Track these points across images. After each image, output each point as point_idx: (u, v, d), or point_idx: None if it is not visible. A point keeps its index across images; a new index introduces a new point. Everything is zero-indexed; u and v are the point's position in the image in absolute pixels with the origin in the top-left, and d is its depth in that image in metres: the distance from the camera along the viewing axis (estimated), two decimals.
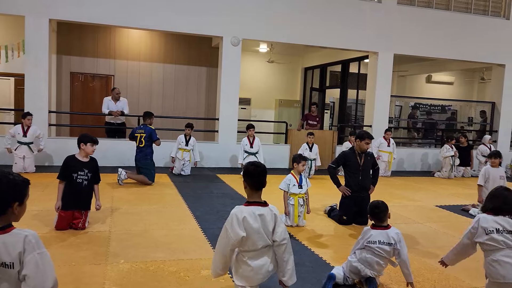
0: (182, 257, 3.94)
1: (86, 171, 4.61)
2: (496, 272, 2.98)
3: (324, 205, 6.18)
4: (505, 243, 2.98)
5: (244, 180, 2.83)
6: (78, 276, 3.41)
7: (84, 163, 4.63)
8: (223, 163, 9.91)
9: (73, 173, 4.55)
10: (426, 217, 6.12)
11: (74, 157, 4.66)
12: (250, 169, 2.80)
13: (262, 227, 2.68)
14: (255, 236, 2.67)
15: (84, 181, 4.59)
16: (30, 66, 8.66)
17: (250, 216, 2.67)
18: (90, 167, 4.66)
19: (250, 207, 2.72)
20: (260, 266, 2.75)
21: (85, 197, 4.65)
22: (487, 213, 3.14)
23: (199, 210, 5.71)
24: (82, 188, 4.58)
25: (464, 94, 16.32)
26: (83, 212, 4.61)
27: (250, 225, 2.66)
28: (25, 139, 7.96)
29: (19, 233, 1.93)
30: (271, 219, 2.70)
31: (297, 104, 14.49)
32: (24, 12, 8.50)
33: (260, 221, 2.68)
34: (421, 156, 11.48)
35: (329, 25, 10.29)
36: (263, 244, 2.71)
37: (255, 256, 2.74)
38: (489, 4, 11.66)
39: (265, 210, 2.71)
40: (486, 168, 6.18)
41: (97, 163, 4.79)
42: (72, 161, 4.61)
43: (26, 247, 1.89)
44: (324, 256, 4.19)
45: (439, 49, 11.19)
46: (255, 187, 2.77)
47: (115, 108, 9.53)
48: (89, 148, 4.65)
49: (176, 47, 12.08)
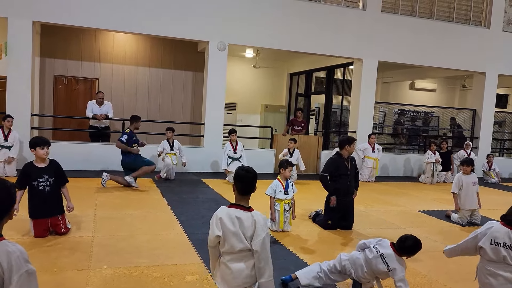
0: (166, 262, 3.91)
1: (46, 177, 4.36)
2: (489, 283, 3.02)
3: (309, 210, 6.21)
4: (505, 259, 2.95)
5: (234, 183, 2.84)
6: (61, 282, 3.36)
7: (42, 169, 4.37)
8: (208, 167, 9.88)
9: (32, 181, 4.32)
10: (409, 222, 6.20)
11: (31, 164, 4.40)
12: (240, 174, 2.80)
13: (240, 230, 2.67)
14: (232, 238, 2.66)
15: (45, 187, 4.36)
16: (13, 68, 8.52)
17: (227, 218, 2.68)
18: (50, 171, 4.40)
19: (231, 209, 2.74)
20: (240, 270, 2.73)
21: (52, 203, 4.43)
22: (503, 223, 3.05)
23: (184, 215, 5.68)
24: (46, 195, 4.36)
25: (446, 101, 16.62)
26: (59, 217, 4.48)
27: (226, 226, 2.67)
28: (6, 143, 7.82)
29: (8, 247, 1.90)
30: (250, 224, 2.68)
31: (283, 109, 14.56)
32: (7, 14, 8.37)
33: (238, 224, 2.67)
34: (404, 162, 11.64)
35: (315, 31, 10.39)
36: (242, 247, 2.68)
37: (235, 259, 2.73)
38: (470, 13, 11.93)
39: (244, 215, 2.71)
40: (459, 176, 6.31)
41: (58, 165, 4.51)
42: (30, 168, 4.36)
43: (13, 266, 1.86)
44: (309, 261, 4.20)
45: (422, 56, 11.40)
46: (242, 192, 2.78)
47: (99, 112, 9.44)
48: (40, 151, 4.32)
49: (162, 51, 12.04)
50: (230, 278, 2.74)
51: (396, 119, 14.16)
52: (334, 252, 4.58)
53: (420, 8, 11.42)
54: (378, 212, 6.67)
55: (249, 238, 2.69)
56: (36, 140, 4.39)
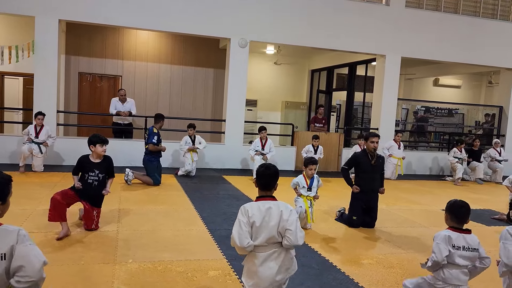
0: (189, 257, 3.96)
1: (97, 172, 4.60)
2: None
3: (331, 207, 6.19)
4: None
5: (255, 179, 2.88)
6: (88, 275, 3.44)
7: (95, 164, 4.62)
8: (229, 164, 9.92)
9: (84, 173, 4.59)
10: (432, 220, 6.10)
11: (87, 157, 4.66)
12: (259, 171, 2.83)
13: (267, 219, 2.65)
14: (261, 228, 2.65)
15: (94, 181, 4.60)
16: (40, 66, 8.74)
17: (256, 210, 2.67)
18: (102, 167, 4.64)
19: (258, 201, 2.75)
20: (269, 268, 2.69)
21: (95, 196, 4.63)
22: None
23: (206, 211, 5.74)
24: (91, 188, 4.59)
25: (472, 98, 16.24)
26: (94, 212, 4.60)
27: (256, 217, 2.64)
28: (36, 139, 8.00)
29: (10, 227, 2.02)
30: (277, 214, 2.67)
31: (304, 106, 14.49)
32: (34, 13, 8.58)
33: (267, 214, 2.66)
34: (431, 160, 11.42)
35: (337, 27, 10.30)
36: (269, 236, 2.65)
37: (263, 252, 2.69)
38: (498, 8, 11.61)
39: (273, 203, 2.71)
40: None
41: (110, 161, 4.77)
42: (84, 161, 4.62)
43: (19, 239, 1.98)
44: (330, 259, 4.19)
45: (447, 52, 11.16)
46: (263, 188, 2.81)
47: (122, 109, 9.59)
48: (99, 149, 4.61)
49: (183, 49, 12.13)
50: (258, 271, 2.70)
51: (421, 116, 13.92)
52: (356, 250, 4.56)
53: (445, 3, 11.18)
54: (401, 210, 6.58)
55: (275, 227, 2.64)
56: (97, 138, 4.63)
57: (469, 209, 2.96)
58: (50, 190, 6.35)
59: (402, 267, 4.07)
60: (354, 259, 4.27)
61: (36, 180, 7.13)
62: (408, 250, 4.65)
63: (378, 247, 4.74)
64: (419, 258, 4.32)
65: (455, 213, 2.93)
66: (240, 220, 2.65)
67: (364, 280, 3.69)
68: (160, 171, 7.54)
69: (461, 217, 2.93)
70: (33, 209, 5.28)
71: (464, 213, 2.92)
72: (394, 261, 4.24)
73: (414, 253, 4.55)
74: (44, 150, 8.05)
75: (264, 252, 2.66)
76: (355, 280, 3.68)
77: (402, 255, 4.47)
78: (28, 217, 4.96)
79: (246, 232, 2.62)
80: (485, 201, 7.85)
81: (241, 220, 2.65)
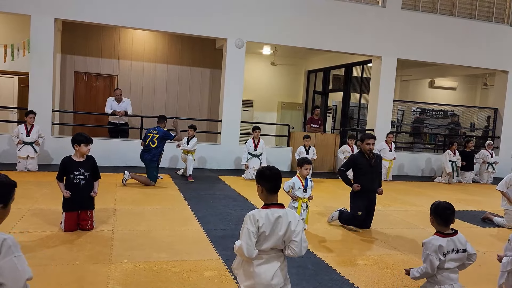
0: (185, 257, 3.95)
1: (83, 170, 4.56)
2: None
3: (326, 207, 6.19)
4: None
5: (259, 184, 2.73)
6: (82, 275, 3.43)
7: (79, 163, 4.57)
8: (225, 165, 9.92)
9: (69, 173, 4.53)
10: (427, 222, 6.10)
11: (69, 158, 4.61)
12: (266, 173, 2.72)
13: (276, 229, 2.60)
14: (268, 237, 2.59)
15: (81, 180, 4.55)
16: (35, 65, 8.69)
17: (266, 219, 2.59)
18: (86, 166, 4.60)
19: (267, 209, 2.65)
20: (266, 270, 2.68)
21: (85, 196, 4.60)
22: None
23: (202, 212, 5.73)
24: (80, 188, 4.54)
25: (467, 100, 16.32)
26: (88, 213, 4.61)
27: (265, 227, 2.57)
28: (28, 138, 7.98)
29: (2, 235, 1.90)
30: (285, 224, 2.61)
31: (300, 107, 14.50)
32: (30, 11, 8.54)
33: (276, 224, 2.59)
34: (424, 161, 11.47)
35: (333, 28, 10.32)
36: (274, 244, 2.61)
37: (263, 255, 2.66)
38: (493, 10, 11.68)
39: (282, 212, 2.66)
40: (510, 176, 6.12)
41: (94, 161, 4.71)
42: (68, 162, 4.57)
43: (2, 250, 1.86)
44: (326, 259, 4.20)
45: (443, 54, 11.21)
46: (272, 190, 2.70)
47: (118, 108, 9.56)
48: (84, 148, 4.56)
49: (180, 48, 12.11)
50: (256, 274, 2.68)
51: (416, 118, 13.97)
52: (352, 251, 4.57)
53: (441, 5, 11.24)
54: (396, 212, 6.61)
55: (281, 236, 2.60)
56: (81, 138, 4.58)
57: (453, 210, 3.00)
58: (45, 189, 6.33)
59: (397, 268, 4.08)
60: (349, 260, 4.28)
61: (31, 179, 7.09)
62: (403, 251, 4.66)
63: (374, 248, 4.75)
64: (415, 259, 4.34)
65: (440, 215, 2.99)
66: (250, 230, 2.54)
67: (360, 281, 3.70)
68: (158, 170, 7.57)
69: (446, 219, 2.97)
70: (28, 209, 5.25)
71: (449, 214, 2.97)
72: (389, 262, 4.26)
73: (409, 254, 4.56)
74: (37, 150, 8.07)
75: (263, 255, 2.64)
76: (351, 281, 3.69)
77: (398, 256, 4.48)
78: (23, 216, 4.94)
79: (255, 243, 2.56)
80: (479, 203, 7.89)
81: (250, 230, 2.54)
